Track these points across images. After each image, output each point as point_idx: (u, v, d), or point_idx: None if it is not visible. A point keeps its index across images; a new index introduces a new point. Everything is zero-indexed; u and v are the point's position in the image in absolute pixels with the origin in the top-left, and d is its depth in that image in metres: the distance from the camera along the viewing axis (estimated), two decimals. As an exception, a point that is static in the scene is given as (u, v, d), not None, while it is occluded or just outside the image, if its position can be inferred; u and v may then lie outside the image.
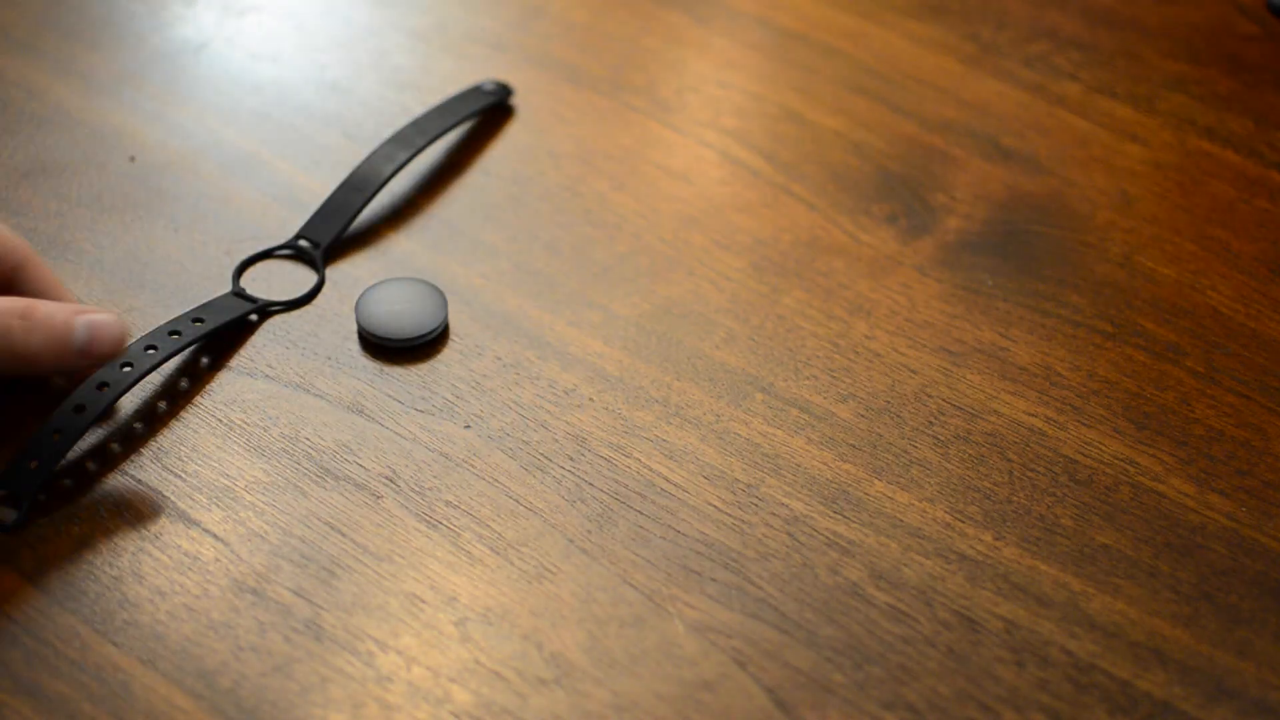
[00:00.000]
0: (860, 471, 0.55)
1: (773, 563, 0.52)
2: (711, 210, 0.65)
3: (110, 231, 0.63)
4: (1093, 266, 0.63)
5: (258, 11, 0.75)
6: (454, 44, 0.74)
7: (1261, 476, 0.55)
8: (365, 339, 0.59)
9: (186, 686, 0.48)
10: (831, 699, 0.49)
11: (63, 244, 0.62)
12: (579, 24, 0.75)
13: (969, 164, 0.68)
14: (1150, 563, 0.53)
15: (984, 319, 0.61)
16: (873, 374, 0.59)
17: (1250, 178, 0.68)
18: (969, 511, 0.54)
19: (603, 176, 0.67)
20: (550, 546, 0.52)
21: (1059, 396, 0.58)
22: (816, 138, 0.69)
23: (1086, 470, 0.55)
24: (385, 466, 0.55)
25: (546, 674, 0.49)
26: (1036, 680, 0.49)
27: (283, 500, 0.53)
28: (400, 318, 0.59)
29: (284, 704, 0.48)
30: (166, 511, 0.53)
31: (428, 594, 0.51)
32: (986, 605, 0.51)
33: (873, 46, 0.74)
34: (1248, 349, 0.60)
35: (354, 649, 0.49)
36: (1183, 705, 0.49)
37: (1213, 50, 0.75)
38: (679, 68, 0.73)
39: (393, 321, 0.59)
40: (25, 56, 0.71)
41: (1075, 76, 0.73)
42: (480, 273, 0.62)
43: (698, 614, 0.51)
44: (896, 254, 0.64)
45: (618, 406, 0.57)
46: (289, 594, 0.51)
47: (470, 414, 0.56)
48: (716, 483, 0.55)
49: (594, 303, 0.61)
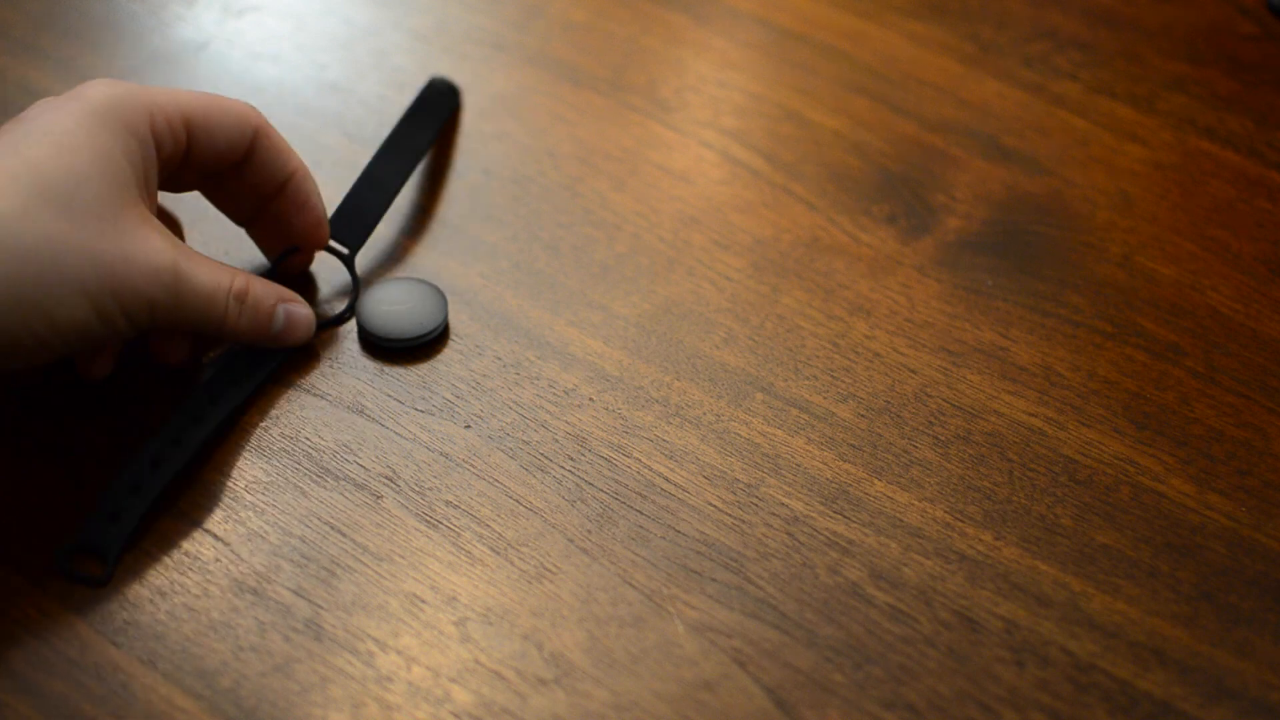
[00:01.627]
0: (860, 471, 0.55)
1: (773, 562, 0.52)
2: (711, 210, 0.65)
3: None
4: (1093, 266, 0.63)
5: (258, 11, 0.75)
6: (454, 44, 0.74)
7: (1261, 476, 0.55)
8: (365, 339, 0.59)
9: (186, 686, 0.48)
10: (831, 699, 0.49)
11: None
12: (579, 24, 0.75)
13: (969, 164, 0.68)
14: (1150, 563, 0.53)
15: (984, 319, 0.61)
16: (873, 374, 0.59)
17: (1250, 178, 0.68)
18: (969, 511, 0.54)
19: (603, 176, 0.67)
20: (550, 546, 0.52)
21: (1059, 396, 0.58)
22: (816, 138, 0.69)
23: (1086, 470, 0.55)
24: (385, 466, 0.55)
25: (546, 674, 0.49)
26: (1036, 680, 0.49)
27: (283, 500, 0.53)
28: (400, 318, 0.59)
29: (284, 704, 0.48)
30: (166, 511, 0.53)
31: (428, 594, 0.51)
32: (986, 605, 0.51)
33: (873, 46, 0.74)
34: (1248, 349, 0.60)
35: (354, 649, 0.49)
36: (1183, 705, 0.49)
37: (1213, 50, 0.75)
38: (679, 68, 0.73)
39: (393, 321, 0.59)
40: (25, 56, 0.71)
41: (1075, 76, 0.73)
42: (480, 273, 0.62)
43: (698, 614, 0.51)
44: (896, 254, 0.64)
45: (618, 406, 0.57)
46: (289, 594, 0.51)
47: (470, 414, 0.57)
48: (716, 483, 0.55)
49: (594, 303, 0.61)
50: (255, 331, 0.56)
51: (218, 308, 0.54)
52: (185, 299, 0.53)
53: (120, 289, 0.50)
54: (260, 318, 0.56)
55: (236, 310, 0.55)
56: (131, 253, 0.51)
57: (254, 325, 0.56)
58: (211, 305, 0.54)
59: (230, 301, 0.54)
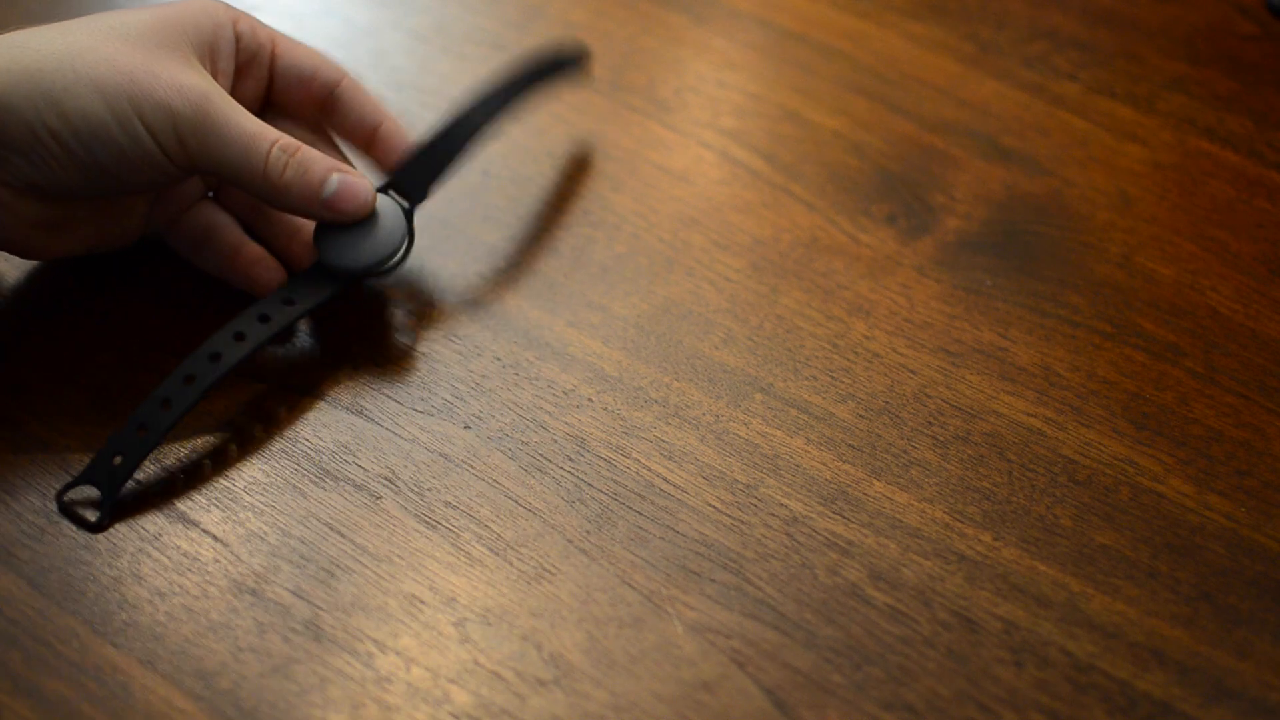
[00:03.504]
0: (859, 472, 0.55)
1: (772, 563, 0.52)
2: (711, 210, 0.65)
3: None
4: (1092, 267, 0.63)
5: (258, 12, 0.75)
6: (453, 44, 0.74)
7: (1261, 476, 0.55)
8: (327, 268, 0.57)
9: (186, 687, 0.48)
10: (831, 699, 0.49)
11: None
12: (578, 24, 0.75)
13: (968, 164, 0.68)
14: (1150, 563, 0.53)
15: (983, 319, 0.61)
16: (872, 374, 0.59)
17: (1250, 178, 0.68)
18: (968, 512, 0.54)
19: (602, 177, 0.67)
20: (549, 547, 0.52)
21: (1058, 397, 0.58)
22: (816, 138, 0.69)
23: (1086, 470, 0.55)
24: (384, 467, 0.55)
25: (545, 675, 0.49)
26: (1036, 680, 0.49)
27: (282, 501, 0.53)
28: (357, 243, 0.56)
29: (283, 705, 0.48)
30: (166, 512, 0.53)
31: (427, 595, 0.51)
32: (985, 606, 0.51)
33: (873, 46, 0.74)
34: (1247, 349, 0.60)
35: (353, 650, 0.49)
36: (1182, 705, 0.49)
37: (1213, 50, 0.75)
38: (678, 68, 0.73)
39: (349, 249, 0.56)
40: (25, 57, 0.71)
41: (1075, 76, 0.73)
42: (480, 273, 0.62)
43: (697, 614, 0.51)
44: (896, 254, 0.64)
45: (617, 407, 0.57)
46: (288, 594, 0.51)
47: (470, 414, 0.57)
48: (716, 483, 0.55)
49: (593, 303, 0.61)
50: (303, 193, 0.54)
51: (258, 153, 0.53)
52: (218, 126, 0.52)
53: (137, 94, 0.51)
54: (310, 177, 0.54)
55: (281, 162, 0.53)
56: (158, 70, 0.52)
57: (302, 185, 0.54)
58: (252, 148, 0.53)
59: (275, 151, 0.53)
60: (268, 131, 0.54)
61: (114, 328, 0.58)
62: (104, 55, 0.52)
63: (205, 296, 0.59)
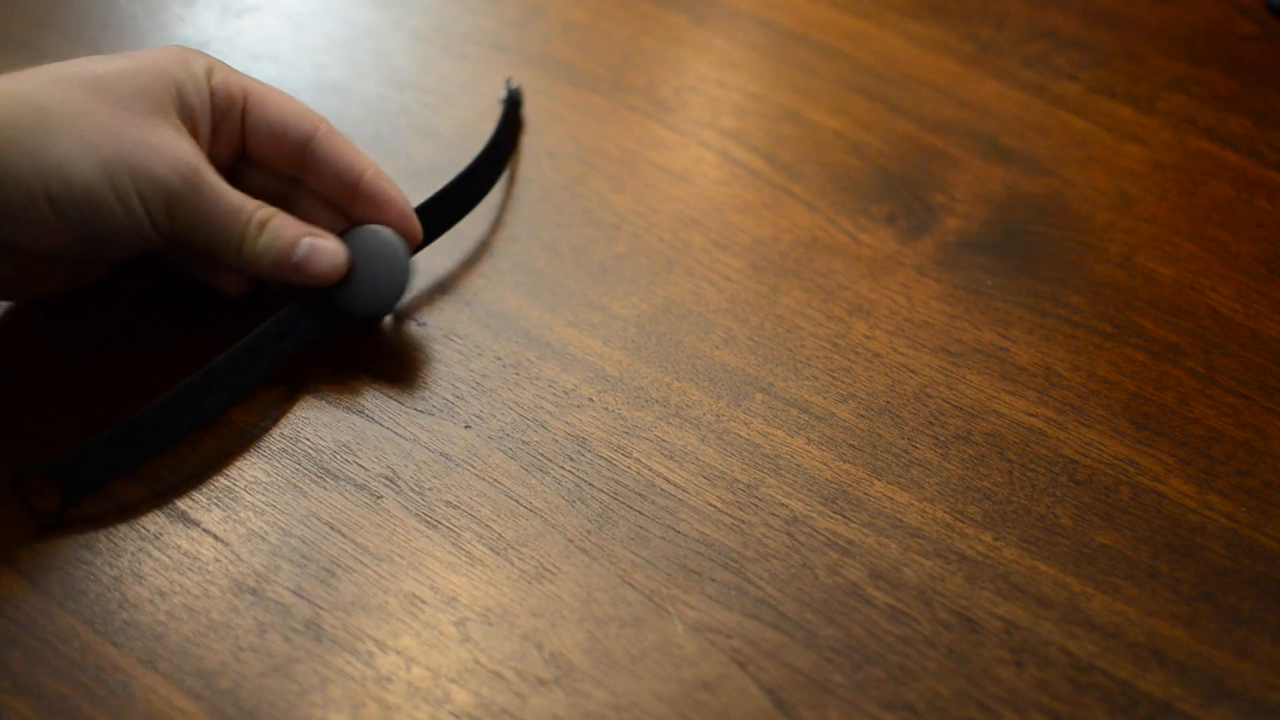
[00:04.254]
0: (860, 472, 0.55)
1: (772, 563, 0.52)
2: (711, 210, 0.65)
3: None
4: (1092, 267, 0.63)
5: (257, 11, 0.75)
6: (453, 44, 0.74)
7: (1261, 476, 0.55)
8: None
9: (186, 687, 0.48)
10: (831, 699, 0.49)
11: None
12: (578, 24, 0.75)
13: (968, 164, 0.68)
14: (1150, 563, 0.53)
15: (983, 319, 0.61)
16: (872, 374, 0.59)
17: (1250, 178, 0.68)
18: (969, 512, 0.54)
19: (602, 176, 0.67)
20: (550, 547, 0.52)
21: (1059, 397, 0.58)
22: (816, 138, 0.69)
23: (1086, 470, 0.55)
24: (385, 467, 0.55)
25: (546, 674, 0.49)
26: (1036, 680, 0.49)
27: (282, 500, 0.53)
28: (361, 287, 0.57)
29: (284, 704, 0.48)
30: (166, 511, 0.53)
31: (427, 594, 0.51)
32: (986, 605, 0.51)
33: (873, 46, 0.74)
34: (1247, 349, 0.60)
35: (354, 649, 0.49)
36: (1182, 706, 0.49)
37: (1213, 50, 0.75)
38: (678, 68, 0.73)
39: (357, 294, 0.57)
40: (25, 56, 0.71)
41: (1075, 76, 0.73)
42: (480, 273, 0.62)
43: (697, 614, 0.51)
44: (896, 254, 0.64)
45: (617, 407, 0.57)
46: (289, 594, 0.51)
47: (470, 414, 0.57)
48: (716, 483, 0.55)
49: (594, 303, 0.61)
50: (275, 260, 0.55)
51: (238, 225, 0.54)
52: (205, 202, 0.53)
53: (136, 167, 0.51)
54: (281, 244, 0.55)
55: (256, 233, 0.54)
56: (154, 141, 0.52)
57: (274, 255, 0.55)
58: (232, 220, 0.54)
59: (252, 224, 0.54)
60: (247, 204, 0.54)
61: (114, 328, 0.58)
62: (104, 123, 0.51)
63: (205, 296, 0.59)
